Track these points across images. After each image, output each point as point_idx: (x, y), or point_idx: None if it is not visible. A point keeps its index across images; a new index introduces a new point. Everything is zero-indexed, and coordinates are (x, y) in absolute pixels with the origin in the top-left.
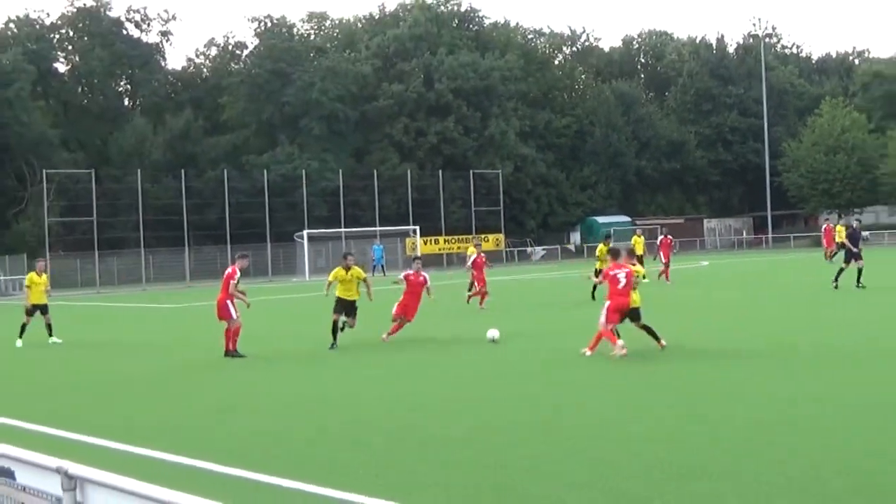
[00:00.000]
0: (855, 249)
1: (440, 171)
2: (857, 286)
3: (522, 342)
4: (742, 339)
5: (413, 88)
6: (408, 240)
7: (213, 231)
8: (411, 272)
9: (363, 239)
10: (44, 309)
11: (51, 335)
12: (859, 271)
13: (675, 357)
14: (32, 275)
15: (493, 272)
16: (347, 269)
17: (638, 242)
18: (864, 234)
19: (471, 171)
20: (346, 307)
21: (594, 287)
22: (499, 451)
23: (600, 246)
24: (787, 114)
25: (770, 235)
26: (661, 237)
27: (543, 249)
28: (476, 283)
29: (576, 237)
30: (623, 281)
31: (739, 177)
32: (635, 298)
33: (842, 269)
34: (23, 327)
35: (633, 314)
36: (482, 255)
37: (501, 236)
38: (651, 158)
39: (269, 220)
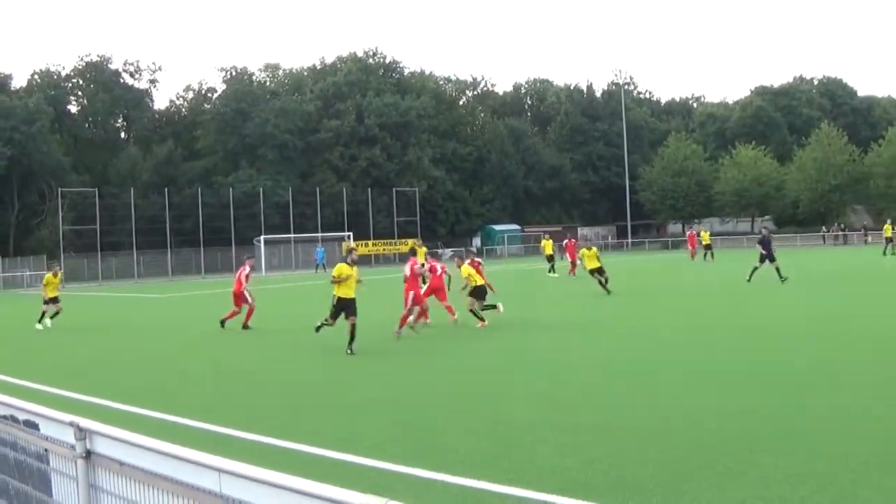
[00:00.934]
0: (764, 252)
1: (369, 189)
2: (781, 280)
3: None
4: (605, 318)
5: (347, 123)
6: (343, 243)
7: (190, 236)
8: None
9: (308, 243)
10: (54, 300)
11: (42, 319)
12: (777, 269)
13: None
14: (49, 276)
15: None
16: (354, 263)
17: (547, 244)
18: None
19: (393, 189)
20: (347, 306)
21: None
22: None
23: (582, 250)
24: (642, 145)
25: (629, 240)
26: (566, 241)
27: (451, 251)
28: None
29: (477, 241)
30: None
31: (605, 194)
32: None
33: (755, 268)
34: (42, 314)
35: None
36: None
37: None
38: (536, 179)
39: (233, 228)
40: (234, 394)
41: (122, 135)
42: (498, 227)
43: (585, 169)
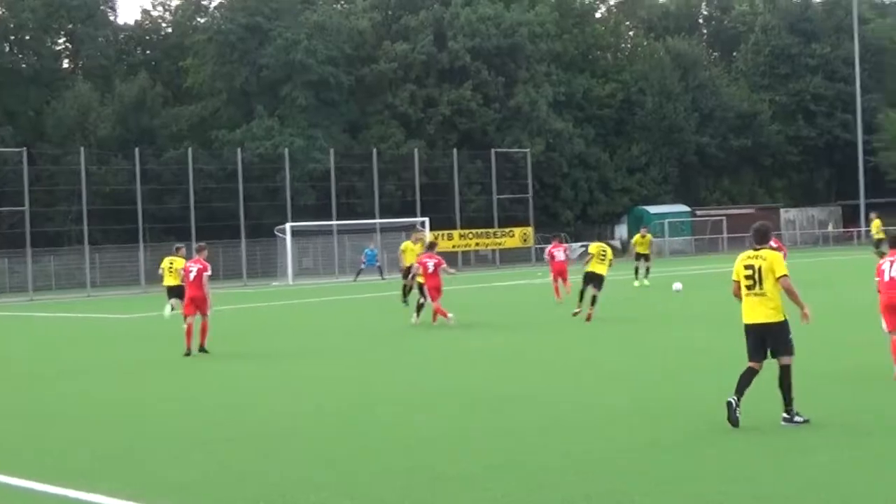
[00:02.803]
0: None
1: (454, 150)
2: None
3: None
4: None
5: (421, 48)
6: (414, 233)
7: (175, 224)
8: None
9: (360, 234)
10: None
11: None
12: None
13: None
14: None
15: (514, 274)
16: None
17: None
18: None
19: (492, 150)
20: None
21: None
22: None
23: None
24: (884, 78)
25: (863, 229)
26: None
27: (582, 246)
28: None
29: (622, 231)
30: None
31: (825, 156)
32: None
33: None
34: None
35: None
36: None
37: (530, 230)
38: (715, 134)
39: (243, 211)
40: None
41: (66, 64)
42: (655, 209)
43: (794, 117)
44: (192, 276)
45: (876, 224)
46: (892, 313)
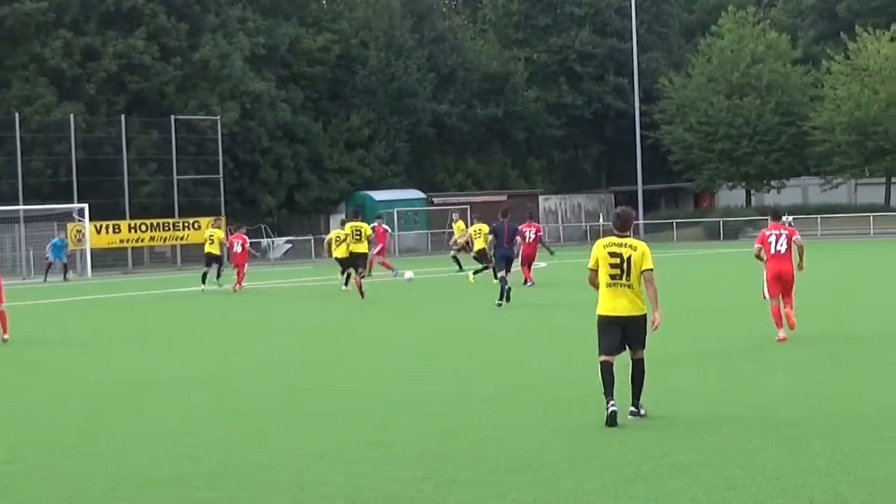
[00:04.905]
0: None
1: (122, 117)
2: None
3: None
4: None
5: None
6: (70, 226)
7: None
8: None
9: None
10: None
11: None
12: None
13: None
14: None
15: (185, 279)
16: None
17: (460, 228)
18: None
19: (172, 118)
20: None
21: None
22: None
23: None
24: (668, 33)
25: (642, 222)
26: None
27: (287, 242)
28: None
29: (335, 225)
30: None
31: (594, 130)
32: None
33: None
34: None
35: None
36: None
37: (220, 221)
38: (457, 101)
39: None
40: None
41: None
42: (381, 196)
43: (555, 80)
44: None
45: (458, 226)
46: (776, 282)
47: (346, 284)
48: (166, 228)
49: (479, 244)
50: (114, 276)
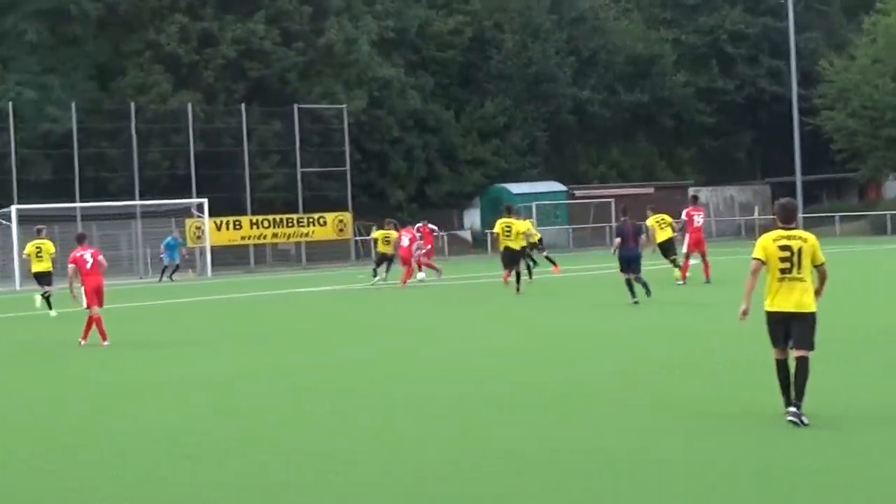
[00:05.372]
0: None
1: (242, 106)
2: None
3: None
4: None
5: None
6: (189, 222)
7: None
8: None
9: (114, 220)
10: None
11: None
12: None
13: None
14: None
15: (327, 277)
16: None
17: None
18: None
19: (295, 107)
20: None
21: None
22: None
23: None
24: (828, 11)
25: (801, 215)
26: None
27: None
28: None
29: (474, 218)
30: None
31: (747, 116)
32: None
33: None
34: None
35: None
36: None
37: (348, 216)
38: (599, 86)
39: None
40: None
41: None
42: (519, 189)
43: (706, 63)
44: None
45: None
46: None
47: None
48: (290, 225)
49: (663, 235)
50: (235, 276)
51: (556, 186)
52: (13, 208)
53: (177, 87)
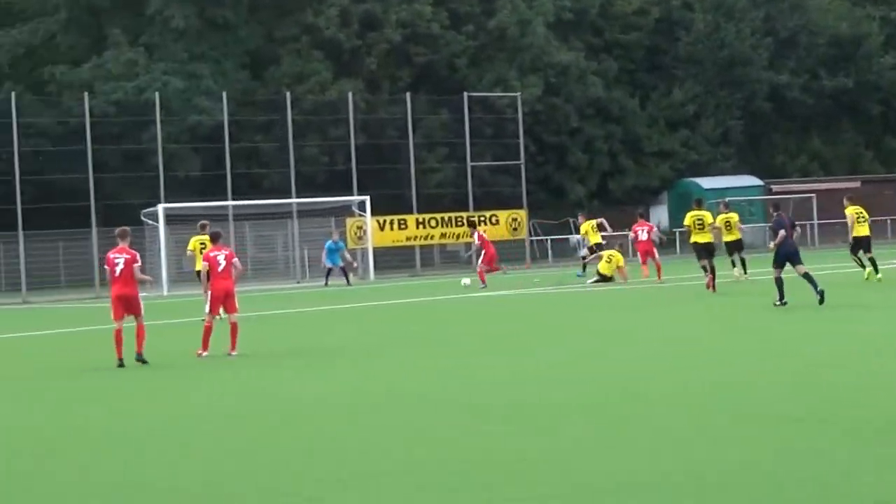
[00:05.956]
0: None
1: (407, 95)
2: None
3: None
4: None
5: None
6: (350, 221)
7: None
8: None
9: (267, 220)
10: None
11: None
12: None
13: None
14: None
15: (500, 281)
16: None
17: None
18: None
19: (464, 95)
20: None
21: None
22: None
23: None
24: None
25: None
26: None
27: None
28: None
29: (661, 215)
30: None
31: None
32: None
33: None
34: None
35: None
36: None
37: (523, 214)
38: (799, 70)
39: (93, 186)
40: None
41: None
42: (710, 183)
43: None
44: (119, 268)
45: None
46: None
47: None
48: (459, 224)
49: (861, 231)
50: (400, 279)
51: (751, 180)
52: (160, 207)
53: (336, 75)
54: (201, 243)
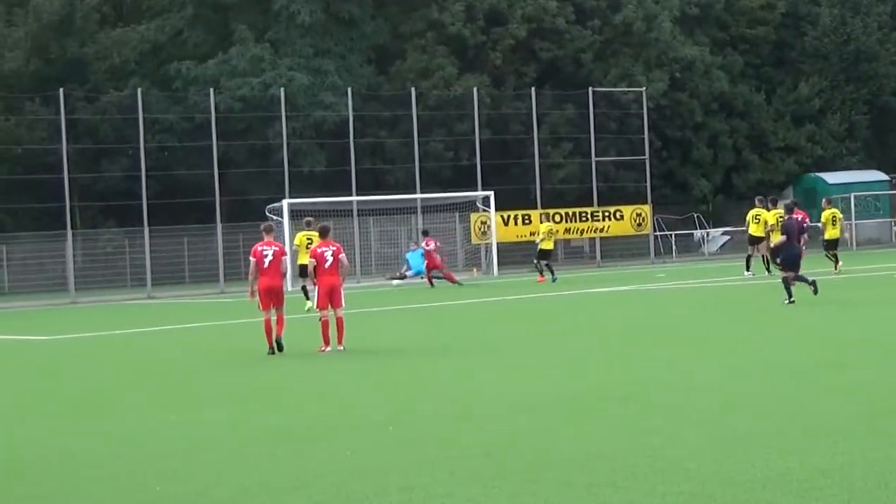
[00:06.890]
0: None
1: (532, 91)
2: None
3: None
4: None
5: None
6: (474, 217)
7: (116, 202)
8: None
9: (392, 215)
10: None
11: None
12: None
13: None
14: None
15: (624, 276)
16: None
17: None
18: None
19: (589, 90)
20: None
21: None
22: None
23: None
24: None
25: None
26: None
27: (725, 234)
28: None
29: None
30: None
31: None
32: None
33: None
34: None
35: None
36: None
37: (647, 209)
38: None
39: (218, 182)
40: None
41: None
42: (835, 178)
43: None
44: (268, 260)
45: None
46: None
47: None
48: (583, 219)
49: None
50: (524, 275)
51: (878, 175)
52: (284, 202)
53: (462, 71)
54: (308, 238)
